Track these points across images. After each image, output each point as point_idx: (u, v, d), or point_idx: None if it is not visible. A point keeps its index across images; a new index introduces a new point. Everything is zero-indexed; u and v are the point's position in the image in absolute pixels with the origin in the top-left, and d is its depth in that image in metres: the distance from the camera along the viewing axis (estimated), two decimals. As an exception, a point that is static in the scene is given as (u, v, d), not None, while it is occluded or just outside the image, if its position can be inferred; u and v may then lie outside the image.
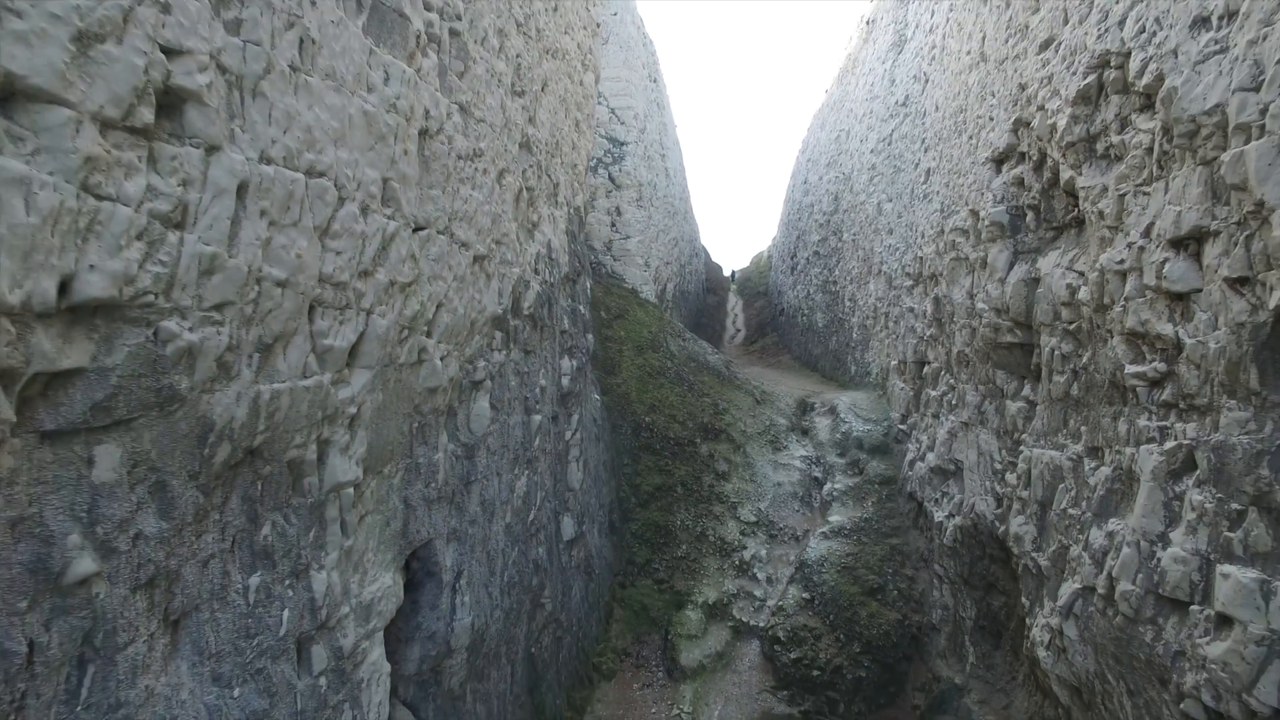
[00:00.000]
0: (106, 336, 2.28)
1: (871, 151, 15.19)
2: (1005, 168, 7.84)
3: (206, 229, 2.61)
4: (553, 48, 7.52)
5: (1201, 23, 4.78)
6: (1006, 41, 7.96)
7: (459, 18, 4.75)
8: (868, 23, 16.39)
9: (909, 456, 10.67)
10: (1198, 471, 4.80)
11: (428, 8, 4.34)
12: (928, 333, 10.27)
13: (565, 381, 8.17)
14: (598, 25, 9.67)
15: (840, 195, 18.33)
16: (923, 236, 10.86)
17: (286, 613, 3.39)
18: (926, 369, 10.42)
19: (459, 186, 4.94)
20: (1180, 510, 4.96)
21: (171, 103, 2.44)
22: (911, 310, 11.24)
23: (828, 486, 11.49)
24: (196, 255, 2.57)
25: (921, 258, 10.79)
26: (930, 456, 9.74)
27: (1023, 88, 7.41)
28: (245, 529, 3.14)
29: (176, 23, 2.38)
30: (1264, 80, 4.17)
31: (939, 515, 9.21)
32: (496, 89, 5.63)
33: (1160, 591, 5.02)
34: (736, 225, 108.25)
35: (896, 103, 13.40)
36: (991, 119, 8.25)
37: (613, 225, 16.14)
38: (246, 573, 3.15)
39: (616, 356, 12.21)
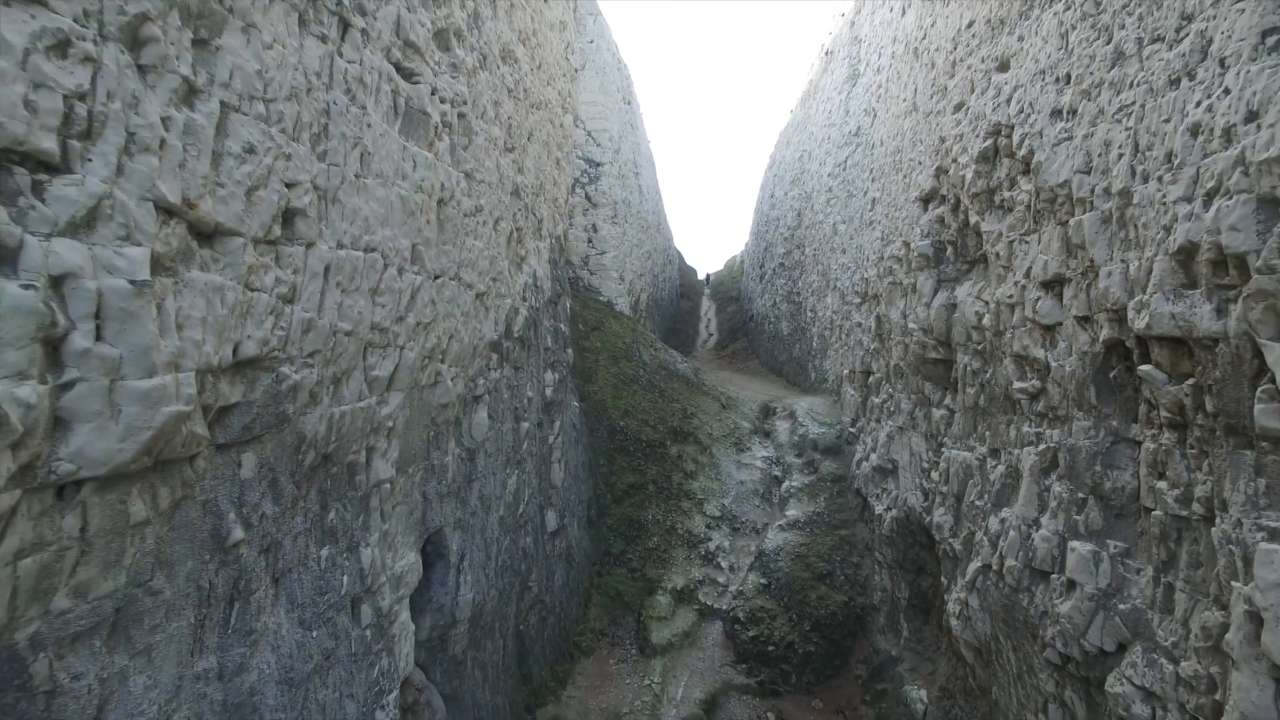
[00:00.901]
0: (251, 381, 3.39)
1: (829, 175, 16.45)
2: (930, 206, 9.08)
3: (306, 300, 3.73)
4: (537, 101, 8.66)
5: (1057, 114, 6.03)
6: (931, 98, 9.20)
7: (465, 102, 5.88)
8: (827, 53, 17.65)
9: (857, 457, 11.91)
10: (1059, 468, 6.04)
11: (442, 100, 5.46)
12: (872, 346, 11.51)
13: (548, 392, 9.31)
14: (575, 70, 10.81)
15: (803, 212, 19.61)
16: (868, 259, 12.11)
17: (345, 578, 4.50)
18: (871, 378, 11.66)
19: (465, 239, 6.07)
20: (1048, 499, 6.20)
21: (288, 218, 3.56)
22: (859, 325, 12.50)
23: (785, 484, 12.71)
24: (300, 320, 3.68)
25: (867, 279, 12.04)
26: (873, 457, 10.98)
27: (942, 140, 8.64)
28: (318, 514, 4.24)
29: (294, 165, 3.50)
30: (1092, 168, 5.41)
31: (879, 509, 10.45)
32: (493, 151, 6.76)
33: (1033, 565, 6.26)
34: (711, 227, 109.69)
35: (850, 132, 14.66)
36: (920, 163, 9.49)
37: (589, 241, 17.28)
38: (319, 546, 4.26)
39: (593, 366, 13.36)
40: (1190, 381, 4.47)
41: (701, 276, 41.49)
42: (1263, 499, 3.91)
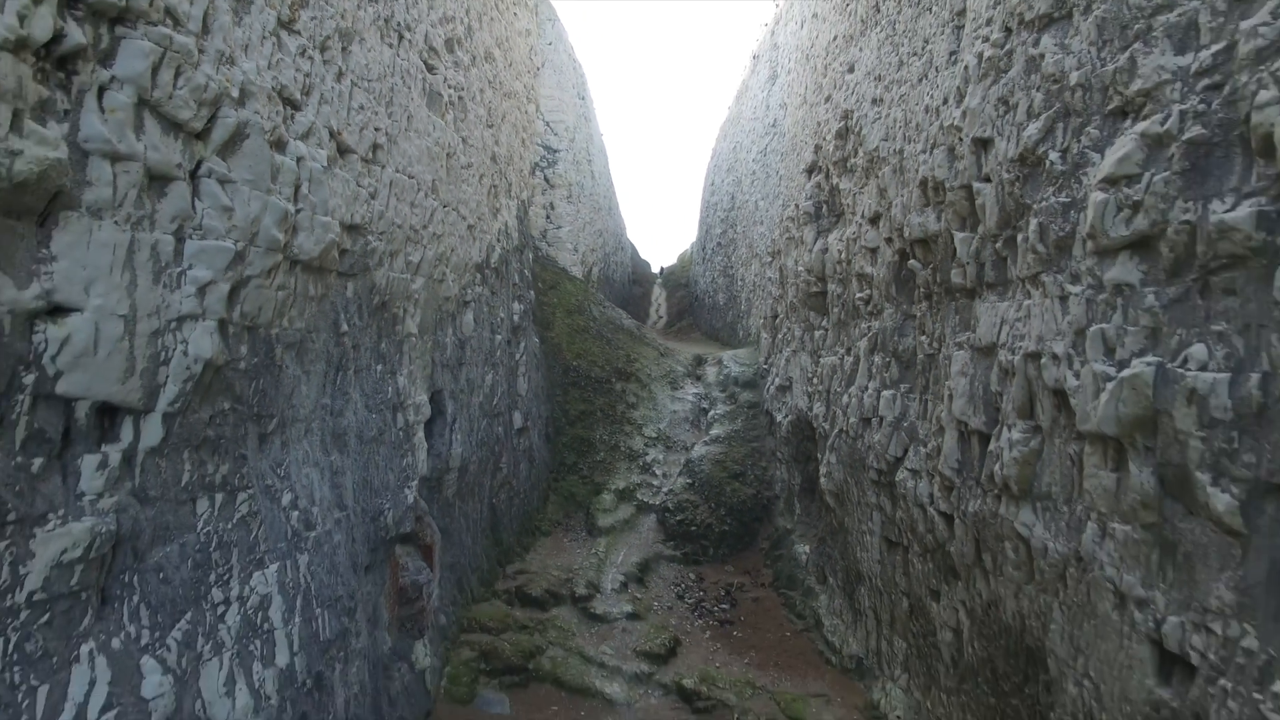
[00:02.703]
0: (355, 239, 5.86)
1: (753, 160, 19.19)
2: (811, 175, 11.78)
3: (380, 200, 6.21)
4: (509, 91, 11.17)
5: (875, 101, 8.73)
6: (814, 93, 11.92)
7: (462, 89, 8.38)
8: (754, 57, 20.42)
9: (766, 384, 14.62)
10: (878, 346, 8.72)
11: (449, 86, 7.96)
12: (777, 293, 14.23)
13: (515, 318, 11.82)
14: (538, 68, 13.34)
15: (735, 195, 22.36)
16: (776, 224, 14.83)
17: (389, 389, 6.98)
18: (777, 320, 14.37)
19: (461, 185, 8.57)
20: (872, 370, 8.88)
21: (374, 149, 6.02)
22: (770, 279, 15.22)
23: (711, 412, 15.38)
24: (377, 210, 6.16)
25: (774, 239, 14.76)
26: (777, 380, 13.69)
27: (819, 124, 11.35)
28: (375, 340, 6.70)
29: (378, 118, 5.98)
30: (889, 137, 8.12)
31: (779, 418, 13.15)
32: (479, 125, 9.26)
33: (863, 416, 8.94)
34: (666, 225, 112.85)
35: (769, 124, 17.39)
36: (806, 143, 12.20)
37: (548, 217, 19.79)
38: (375, 362, 6.72)
39: (551, 316, 15.87)
40: (931, 266, 7.17)
41: (656, 270, 44.14)
42: (957, 328, 6.61)
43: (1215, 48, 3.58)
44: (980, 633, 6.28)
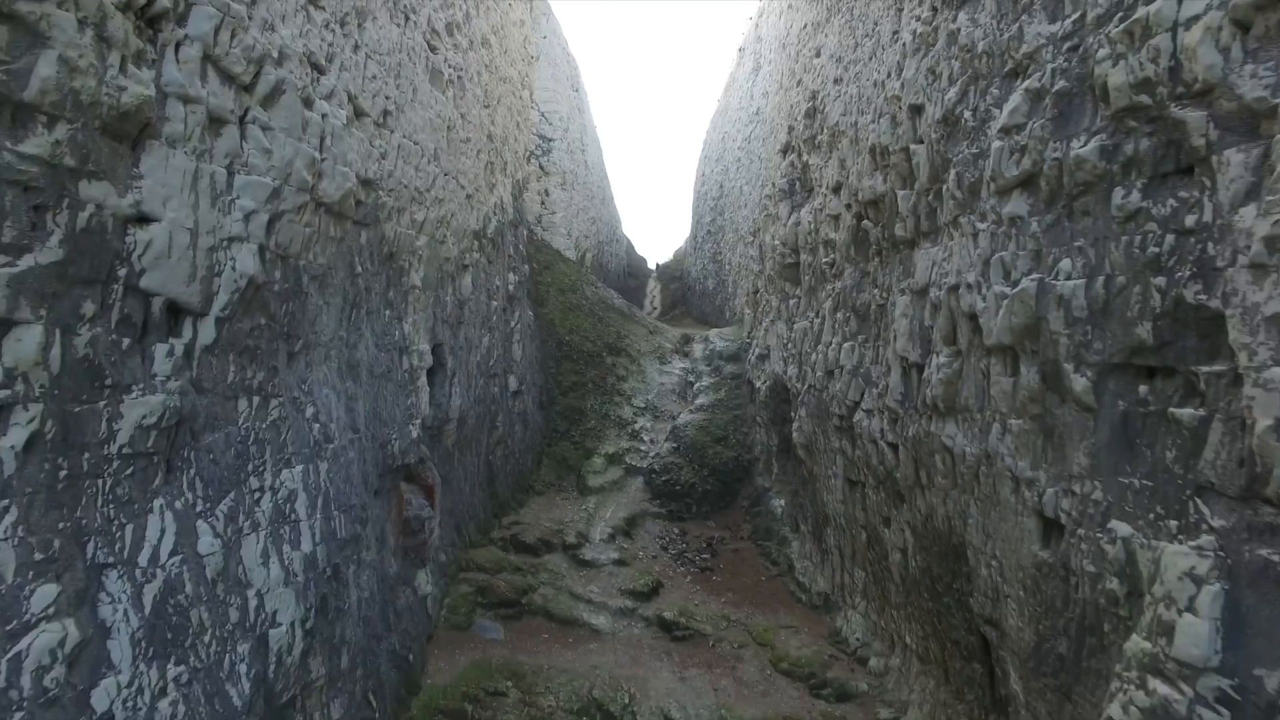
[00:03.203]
0: (368, 192, 6.68)
1: (739, 148, 20.05)
2: (786, 155, 12.62)
3: (390, 160, 7.03)
4: (504, 76, 12.00)
5: (836, 80, 9.55)
6: (788, 78, 12.75)
7: (461, 69, 9.21)
8: (740, 50, 21.26)
9: (749, 356, 15.47)
10: (840, 304, 9.53)
11: (449, 65, 8.78)
12: (757, 269, 15.07)
13: (510, 288, 12.65)
14: (533, 57, 14.17)
15: (724, 183, 23.21)
16: (757, 204, 15.67)
17: (396, 333, 7.80)
18: (758, 294, 15.21)
19: (460, 157, 9.40)
20: (835, 325, 9.71)
21: (385, 114, 6.85)
22: (751, 257, 16.06)
23: (697, 384, 16.22)
24: (387, 169, 6.99)
25: (754, 219, 15.60)
26: (757, 349, 14.53)
27: (791, 107, 12.19)
28: (384, 289, 7.52)
29: (388, 87, 6.81)
30: (846, 111, 8.95)
31: (759, 384, 13.99)
32: (476, 105, 10.09)
33: (827, 369, 9.77)
34: (664, 226, 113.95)
35: (753, 113, 18.23)
36: (781, 125, 13.04)
37: (543, 203, 20.61)
38: (384, 307, 7.54)
39: (545, 294, 16.69)
40: (880, 224, 8.01)
41: (651, 267, 45.05)
42: (900, 277, 7.44)
43: (1073, 16, 4.43)
44: (920, 546, 7.12)
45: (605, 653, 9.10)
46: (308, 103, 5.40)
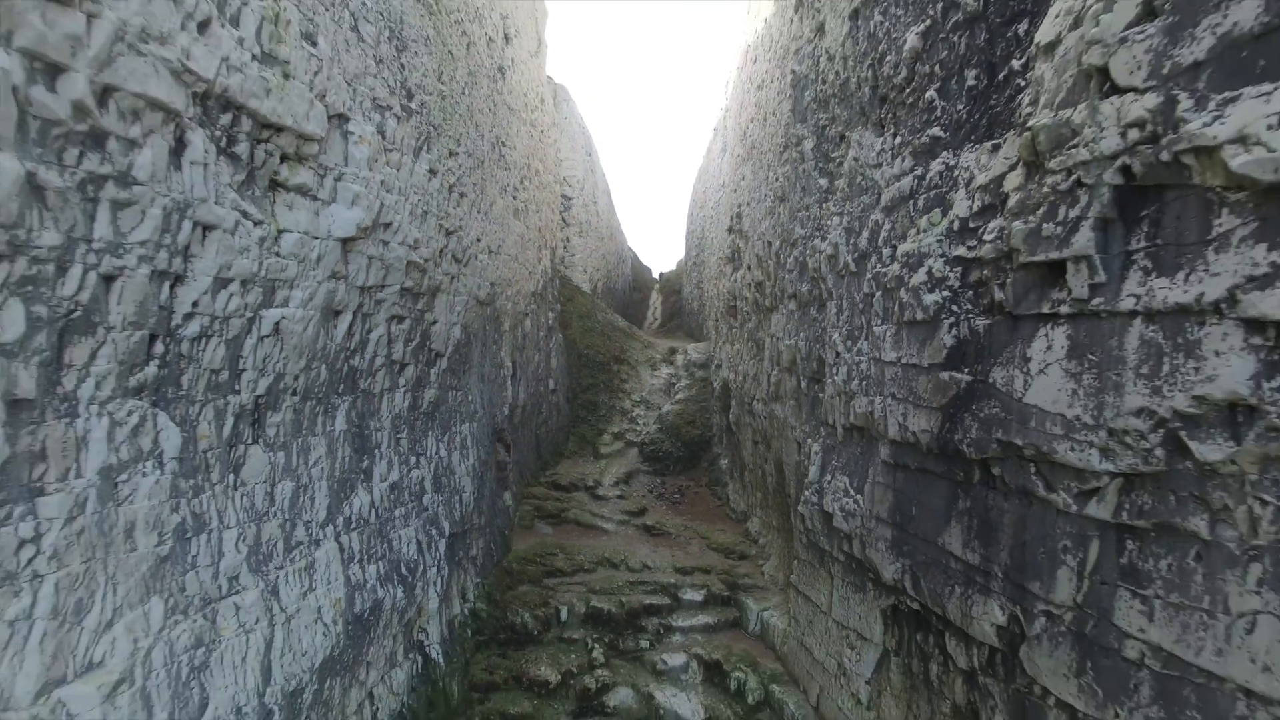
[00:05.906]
0: (491, 293, 13.26)
1: (713, 205, 26.60)
2: (729, 234, 19.15)
3: (498, 272, 13.61)
4: (544, 183, 18.60)
5: (748, 203, 16.15)
6: (732, 180, 19.33)
7: (528, 202, 15.79)
8: (714, 130, 27.81)
9: (712, 365, 21.99)
10: (749, 336, 16.15)
11: (519, 201, 15.36)
12: (718, 305, 21.62)
13: (550, 321, 19.26)
14: (560, 161, 20.80)
15: (705, 230, 29.74)
16: (718, 261, 22.22)
17: (497, 356, 14.38)
18: (716, 323, 21.72)
19: (525, 251, 16.00)
20: (747, 350, 16.29)
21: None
22: (716, 295, 22.61)
23: (677, 385, 22.76)
24: (499, 277, 13.56)
25: (718, 269, 22.17)
26: (716, 360, 21.05)
27: (732, 205, 18.76)
28: (493, 333, 14.08)
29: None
30: (755, 225, 15.57)
31: (716, 385, 20.50)
32: (534, 215, 16.69)
33: (744, 376, 16.34)
34: (662, 227, 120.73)
35: (721, 184, 24.76)
36: (727, 213, 19.62)
37: (565, 248, 27.23)
38: (492, 344, 14.11)
39: (569, 319, 23.29)
40: (763, 296, 14.58)
41: (656, 275, 51.38)
42: (768, 325, 14.01)
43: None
44: (774, 469, 13.65)
45: (611, 540, 15.69)
46: (464, 251, 12.01)
